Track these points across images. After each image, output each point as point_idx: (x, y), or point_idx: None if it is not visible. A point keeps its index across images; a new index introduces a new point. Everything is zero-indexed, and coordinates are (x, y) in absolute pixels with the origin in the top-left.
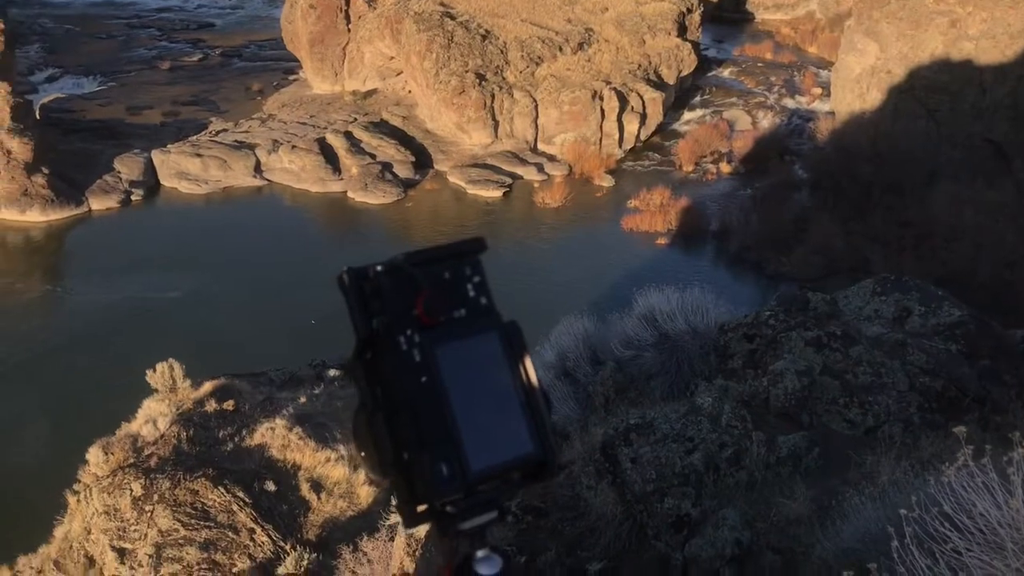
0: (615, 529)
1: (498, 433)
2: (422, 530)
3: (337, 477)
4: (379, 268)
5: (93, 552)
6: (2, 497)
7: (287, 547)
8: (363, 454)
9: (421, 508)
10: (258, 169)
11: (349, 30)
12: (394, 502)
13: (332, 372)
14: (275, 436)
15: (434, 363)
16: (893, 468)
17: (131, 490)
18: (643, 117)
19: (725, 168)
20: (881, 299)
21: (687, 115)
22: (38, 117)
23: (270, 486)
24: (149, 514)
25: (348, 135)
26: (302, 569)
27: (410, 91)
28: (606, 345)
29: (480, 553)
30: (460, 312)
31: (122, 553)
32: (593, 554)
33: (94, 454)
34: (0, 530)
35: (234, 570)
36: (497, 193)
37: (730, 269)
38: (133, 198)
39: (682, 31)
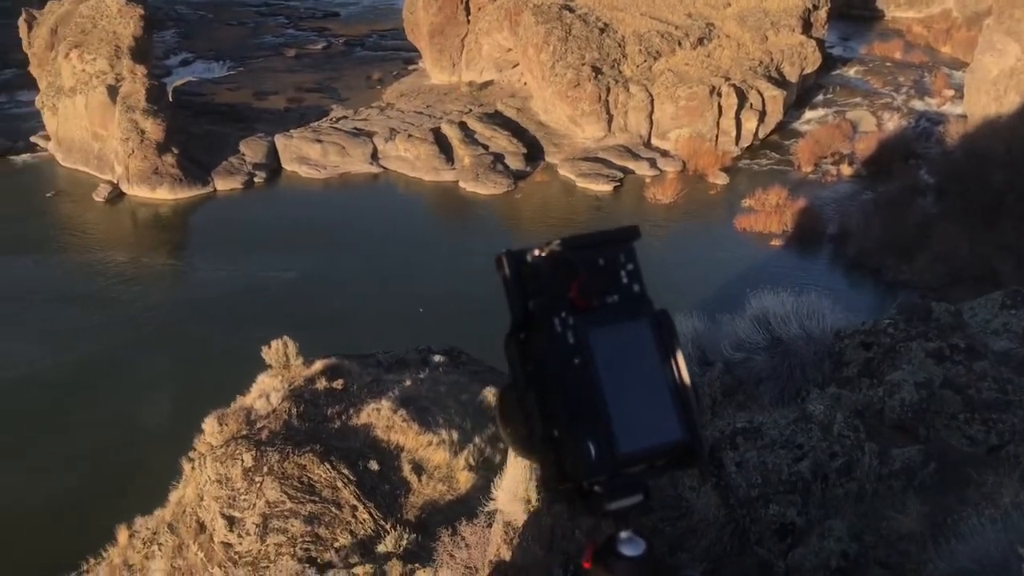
0: (717, 532)
1: (647, 418)
2: (519, 518)
3: (438, 461)
4: (537, 252)
5: (204, 518)
6: (125, 460)
7: (387, 526)
8: (508, 430)
9: (567, 486)
10: (374, 156)
11: (468, 21)
12: (532, 477)
13: (437, 357)
14: (380, 417)
15: (587, 346)
16: (1017, 490)
17: (242, 461)
18: (762, 115)
19: (846, 170)
20: (1011, 312)
21: (808, 114)
22: (171, 99)
23: (373, 465)
24: (258, 485)
25: (462, 125)
26: (401, 549)
27: (525, 83)
28: (715, 346)
29: (624, 534)
30: (613, 298)
31: (231, 521)
32: (693, 556)
33: (210, 424)
34: (121, 492)
35: (335, 544)
36: (607, 187)
37: (847, 274)
38: (255, 180)
39: (807, 28)
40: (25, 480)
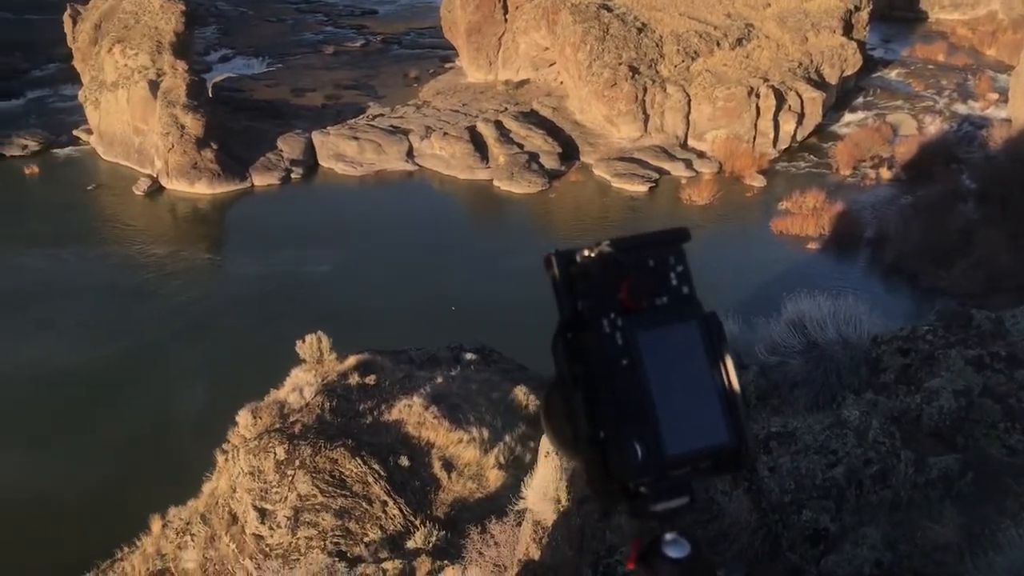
0: (748, 537)
1: (694, 420)
2: (549, 518)
3: (468, 458)
4: (586, 252)
5: (237, 510)
6: (160, 451)
7: (417, 522)
8: (553, 430)
9: (612, 486)
10: (410, 154)
11: (506, 20)
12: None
13: (469, 355)
14: (412, 413)
15: (635, 347)
16: None
17: (275, 454)
18: (800, 117)
19: (885, 174)
20: None
21: (848, 117)
22: (210, 95)
23: (404, 461)
24: (290, 478)
25: (498, 124)
26: (430, 545)
27: (561, 82)
28: (750, 349)
29: (668, 536)
30: (662, 299)
31: (263, 513)
32: (724, 560)
33: (243, 417)
34: (155, 482)
35: (365, 539)
36: (642, 188)
37: (883, 280)
38: (292, 176)
39: (848, 29)
40: (61, 470)
